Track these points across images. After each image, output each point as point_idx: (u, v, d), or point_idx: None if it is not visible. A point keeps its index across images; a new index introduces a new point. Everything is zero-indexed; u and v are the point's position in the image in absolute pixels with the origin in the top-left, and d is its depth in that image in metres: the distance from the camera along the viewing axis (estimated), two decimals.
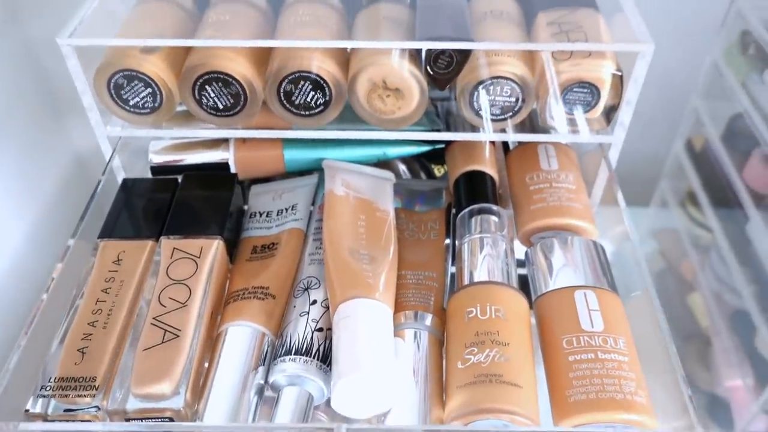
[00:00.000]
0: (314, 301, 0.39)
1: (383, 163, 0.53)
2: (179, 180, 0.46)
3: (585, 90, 0.42)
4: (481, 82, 0.42)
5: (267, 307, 0.40)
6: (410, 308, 0.39)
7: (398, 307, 0.39)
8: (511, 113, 0.43)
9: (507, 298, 0.37)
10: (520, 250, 0.45)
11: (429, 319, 0.39)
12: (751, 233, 0.72)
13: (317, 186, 0.49)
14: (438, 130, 0.48)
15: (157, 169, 0.49)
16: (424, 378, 0.36)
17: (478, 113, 0.43)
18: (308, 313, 0.39)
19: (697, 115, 0.84)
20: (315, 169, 0.50)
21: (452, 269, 0.43)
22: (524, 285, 0.41)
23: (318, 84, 0.42)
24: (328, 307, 0.39)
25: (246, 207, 0.49)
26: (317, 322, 0.38)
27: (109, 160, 0.47)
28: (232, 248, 0.44)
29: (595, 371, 0.35)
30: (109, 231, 0.42)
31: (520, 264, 0.44)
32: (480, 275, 0.39)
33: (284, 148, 0.49)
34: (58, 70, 0.67)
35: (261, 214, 0.47)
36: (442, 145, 0.50)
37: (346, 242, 0.41)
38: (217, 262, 0.41)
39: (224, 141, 0.49)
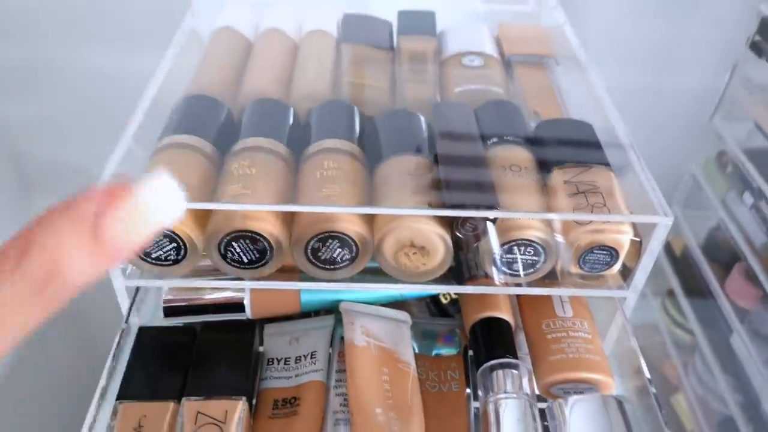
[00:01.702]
0: None
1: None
2: (197, 328, 0.46)
3: (604, 252, 0.43)
4: (504, 244, 0.43)
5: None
6: None
7: None
8: (532, 270, 0.45)
9: None
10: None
11: None
12: (735, 345, 0.74)
13: (334, 327, 0.49)
14: (450, 268, 0.49)
15: (169, 309, 0.48)
16: None
17: (501, 270, 0.44)
18: None
19: (676, 221, 0.88)
20: (331, 308, 0.50)
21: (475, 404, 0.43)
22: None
23: (345, 242, 0.42)
24: None
25: (261, 349, 0.48)
26: None
27: (128, 314, 0.46)
28: (252, 400, 0.44)
29: None
30: (127, 391, 0.41)
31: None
32: None
33: (301, 289, 0.49)
34: (29, 151, 0.66)
35: (279, 361, 0.47)
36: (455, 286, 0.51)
37: (373, 399, 0.41)
38: (242, 425, 0.40)
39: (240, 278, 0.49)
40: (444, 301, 0.59)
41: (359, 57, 0.60)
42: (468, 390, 0.46)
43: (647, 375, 0.46)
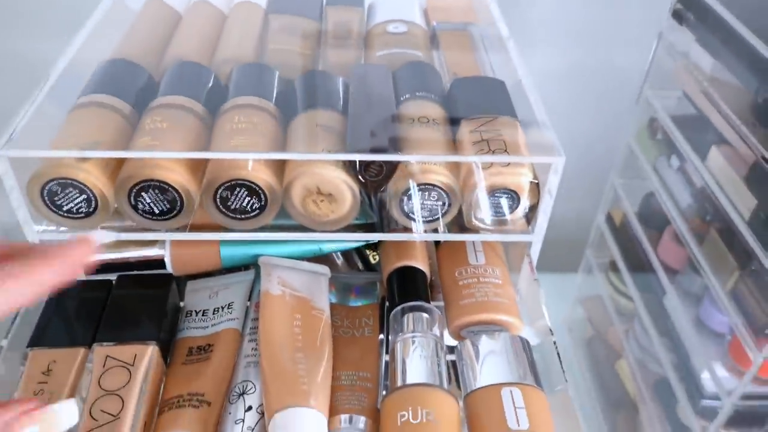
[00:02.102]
0: (249, 407, 0.40)
1: (320, 256, 0.55)
2: (114, 281, 0.47)
3: (506, 195, 0.45)
4: (408, 189, 0.44)
5: (202, 415, 0.40)
6: (344, 411, 0.40)
7: (333, 411, 0.40)
8: (438, 215, 0.46)
9: (437, 400, 0.39)
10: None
11: (363, 422, 0.40)
12: (667, 306, 0.77)
13: (254, 281, 0.50)
14: (372, 223, 0.50)
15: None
16: None
17: (408, 215, 0.46)
18: (243, 420, 0.39)
19: (615, 192, 0.90)
20: (252, 263, 0.51)
21: (386, 357, 0.45)
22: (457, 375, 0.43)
23: (253, 190, 0.44)
24: (263, 413, 0.40)
25: (182, 304, 0.49)
26: (252, 430, 0.39)
27: None
28: (168, 350, 0.44)
29: None
30: (39, 338, 0.42)
31: (451, 351, 0.46)
32: (412, 376, 0.41)
33: (221, 245, 0.50)
34: None
35: (197, 313, 0.48)
36: (376, 240, 0.52)
37: (283, 345, 0.42)
38: (151, 369, 0.41)
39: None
40: (373, 261, 0.61)
41: (285, 26, 0.62)
42: (381, 336, 0.47)
43: (546, 318, 0.47)
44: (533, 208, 0.47)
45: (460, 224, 0.49)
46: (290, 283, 0.47)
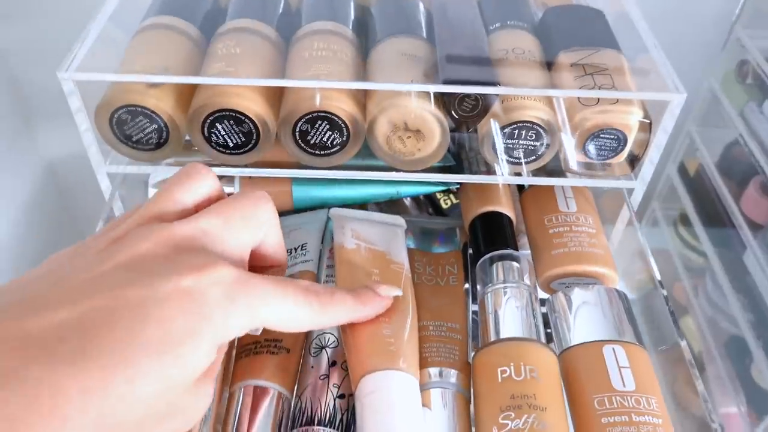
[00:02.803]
0: (333, 363, 0.37)
1: (390, 201, 0.52)
2: None
3: (611, 136, 0.41)
4: (505, 126, 0.40)
5: (281, 362, 0.37)
6: (435, 365, 0.38)
7: (422, 363, 0.38)
8: (534, 157, 0.42)
9: (539, 356, 0.36)
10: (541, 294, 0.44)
11: (455, 376, 0.37)
12: (748, 263, 0.72)
13: (326, 222, 0.47)
14: (450, 167, 0.46)
15: None
16: None
17: (501, 156, 0.42)
18: (328, 376, 0.37)
19: (691, 140, 0.84)
20: (324, 206, 0.48)
21: (474, 307, 0.42)
22: (546, 332, 0.40)
23: (336, 124, 0.40)
24: (348, 369, 0.37)
25: None
26: (338, 387, 0.36)
27: (110, 200, 0.44)
28: None
29: None
30: None
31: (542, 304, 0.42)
32: (508, 330, 0.38)
33: (293, 185, 0.47)
34: (26, 77, 0.64)
35: None
36: (457, 185, 0.49)
37: None
38: None
39: (229, 177, 0.47)
40: (444, 206, 0.57)
41: None
42: (466, 285, 0.44)
43: (655, 270, 0.44)
44: (637, 155, 0.43)
45: (548, 169, 0.45)
46: (365, 237, 0.44)
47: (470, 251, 0.46)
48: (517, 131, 0.41)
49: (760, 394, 0.72)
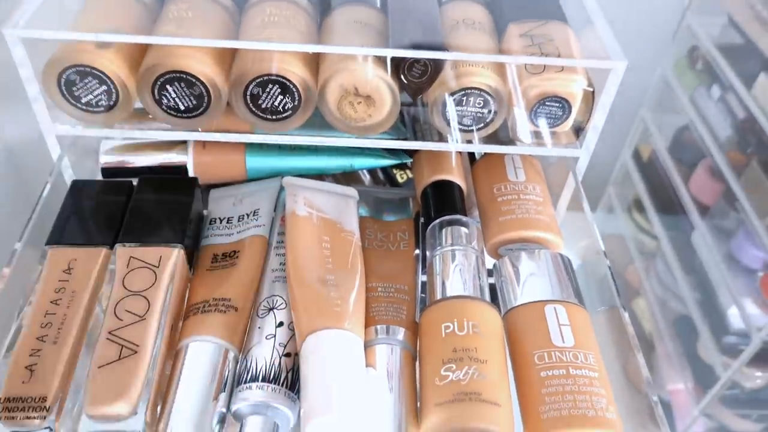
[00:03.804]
0: (281, 323, 0.38)
1: (346, 174, 0.52)
2: (135, 183, 0.44)
3: (557, 104, 0.42)
4: (454, 93, 0.41)
5: (230, 320, 0.38)
6: (382, 322, 0.38)
7: (369, 321, 0.38)
8: (483, 124, 0.43)
9: (482, 313, 0.37)
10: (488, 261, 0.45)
11: (402, 334, 0.38)
12: (695, 242, 0.74)
13: (279, 190, 0.47)
14: (405, 139, 0.47)
15: (108, 171, 0.47)
16: (398, 396, 0.35)
17: (449, 123, 0.43)
18: (275, 336, 0.37)
19: (645, 126, 0.87)
20: (277, 176, 0.48)
21: (423, 278, 0.42)
22: (493, 295, 0.41)
23: (287, 88, 0.40)
24: (294, 330, 0.37)
25: (205, 212, 0.47)
26: (284, 346, 0.37)
27: (58, 161, 0.44)
28: (192, 256, 0.42)
29: (567, 387, 0.35)
30: (59, 237, 0.40)
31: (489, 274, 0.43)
32: (454, 289, 0.38)
33: (247, 154, 0.47)
34: None
35: (221, 220, 0.45)
36: (409, 159, 0.49)
37: (312, 267, 0.40)
38: (177, 272, 0.39)
39: (182, 143, 0.47)
40: (400, 180, 0.58)
41: None
42: (417, 251, 0.45)
43: (599, 238, 0.45)
44: (582, 123, 0.44)
45: (498, 138, 0.47)
46: (317, 205, 0.44)
47: (422, 220, 0.47)
48: (465, 98, 0.42)
49: (705, 370, 0.74)
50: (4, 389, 0.33)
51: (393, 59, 0.40)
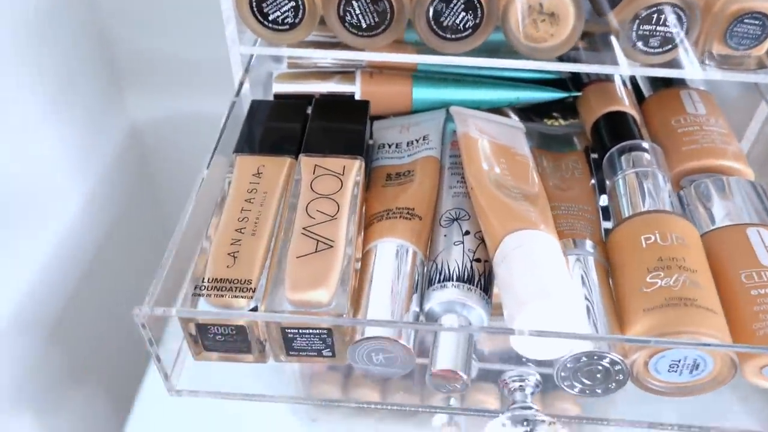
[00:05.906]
0: (467, 232, 0.37)
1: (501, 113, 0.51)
2: (309, 105, 0.45)
3: (756, 22, 0.39)
4: (649, 6, 0.39)
5: (415, 226, 0.37)
6: (569, 236, 0.37)
7: (558, 235, 0.37)
8: (670, 46, 0.41)
9: (683, 227, 0.35)
10: None
11: (591, 246, 0.36)
12: None
13: (445, 121, 0.47)
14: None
15: (279, 98, 0.48)
16: (597, 305, 0.34)
17: (635, 45, 0.41)
18: (462, 242, 0.36)
19: None
20: (442, 108, 0.48)
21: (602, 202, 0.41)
22: None
23: (470, 3, 0.40)
24: (482, 240, 0.37)
25: (371, 141, 0.47)
26: (474, 252, 0.36)
27: (242, 80, 0.45)
28: (367, 175, 0.42)
29: None
30: (245, 146, 0.41)
31: None
32: (648, 204, 0.37)
33: (413, 86, 0.47)
34: (120, 38, 0.63)
35: (390, 146, 0.45)
36: (579, 93, 0.48)
37: (495, 179, 0.39)
38: (360, 182, 0.39)
39: (350, 73, 0.48)
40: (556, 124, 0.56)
41: None
42: (593, 181, 0.43)
43: None
44: None
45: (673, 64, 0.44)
46: (488, 132, 0.43)
47: (593, 156, 0.45)
48: (656, 15, 0.40)
49: None
50: (210, 271, 0.33)
51: None
